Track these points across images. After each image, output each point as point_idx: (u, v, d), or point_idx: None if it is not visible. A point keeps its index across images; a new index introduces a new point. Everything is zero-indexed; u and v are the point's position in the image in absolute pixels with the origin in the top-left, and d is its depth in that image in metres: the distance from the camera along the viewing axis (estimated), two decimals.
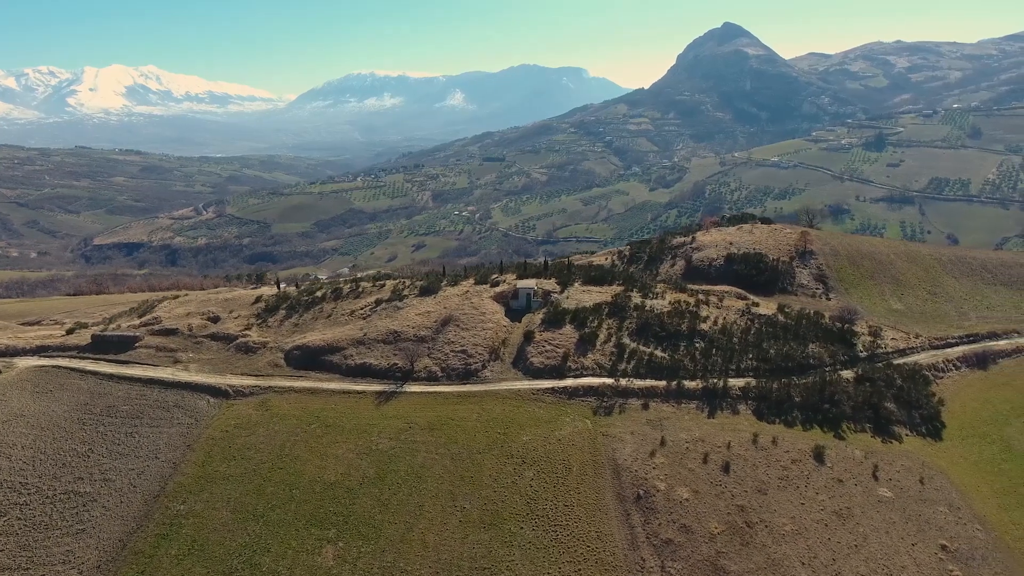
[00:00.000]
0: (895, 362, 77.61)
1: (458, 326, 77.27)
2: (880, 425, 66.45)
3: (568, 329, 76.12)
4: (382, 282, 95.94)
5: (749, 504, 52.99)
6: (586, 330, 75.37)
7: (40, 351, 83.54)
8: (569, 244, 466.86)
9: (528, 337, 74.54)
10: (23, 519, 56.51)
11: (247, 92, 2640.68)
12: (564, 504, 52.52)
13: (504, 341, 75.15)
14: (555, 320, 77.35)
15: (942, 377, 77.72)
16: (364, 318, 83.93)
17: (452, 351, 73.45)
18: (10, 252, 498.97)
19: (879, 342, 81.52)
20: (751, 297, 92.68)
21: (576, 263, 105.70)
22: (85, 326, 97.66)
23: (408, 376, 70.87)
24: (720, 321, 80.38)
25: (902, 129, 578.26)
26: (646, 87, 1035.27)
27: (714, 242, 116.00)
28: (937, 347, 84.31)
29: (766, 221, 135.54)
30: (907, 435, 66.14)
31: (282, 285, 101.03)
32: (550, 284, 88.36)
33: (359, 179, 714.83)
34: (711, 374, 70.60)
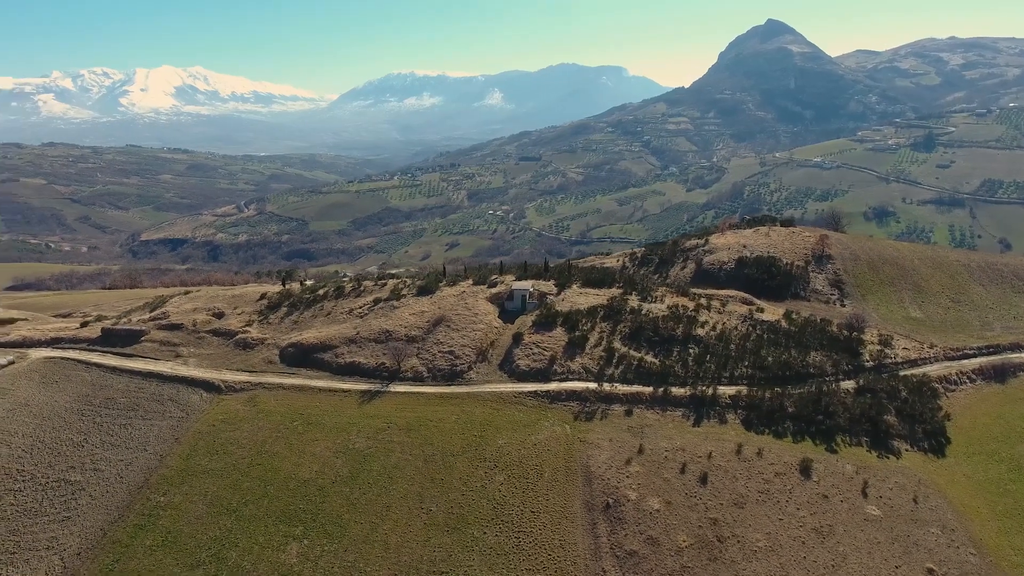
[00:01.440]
0: (902, 373, 74.20)
1: (449, 327, 77.13)
2: (878, 439, 63.59)
3: (558, 332, 75.16)
4: (384, 281, 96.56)
5: (723, 518, 51.29)
6: (577, 333, 74.30)
7: (54, 343, 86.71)
8: (603, 244, 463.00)
9: (517, 339, 73.89)
10: (16, 505, 58.63)
11: (290, 92, 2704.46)
12: (531, 510, 51.78)
13: (492, 343, 74.67)
14: (546, 322, 76.48)
15: (954, 390, 74.00)
16: (361, 317, 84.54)
17: (440, 352, 73.35)
18: (63, 246, 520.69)
19: (888, 352, 78.08)
20: (757, 302, 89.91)
21: (580, 265, 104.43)
22: (104, 319, 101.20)
23: (395, 376, 71.06)
24: (719, 326, 78.23)
25: (953, 129, 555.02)
26: (686, 86, 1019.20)
27: (727, 245, 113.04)
28: (952, 358, 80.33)
29: (787, 224, 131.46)
30: (907, 450, 63.12)
31: (287, 283, 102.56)
32: (547, 286, 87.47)
33: (396, 178, 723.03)
34: (702, 381, 68.66)
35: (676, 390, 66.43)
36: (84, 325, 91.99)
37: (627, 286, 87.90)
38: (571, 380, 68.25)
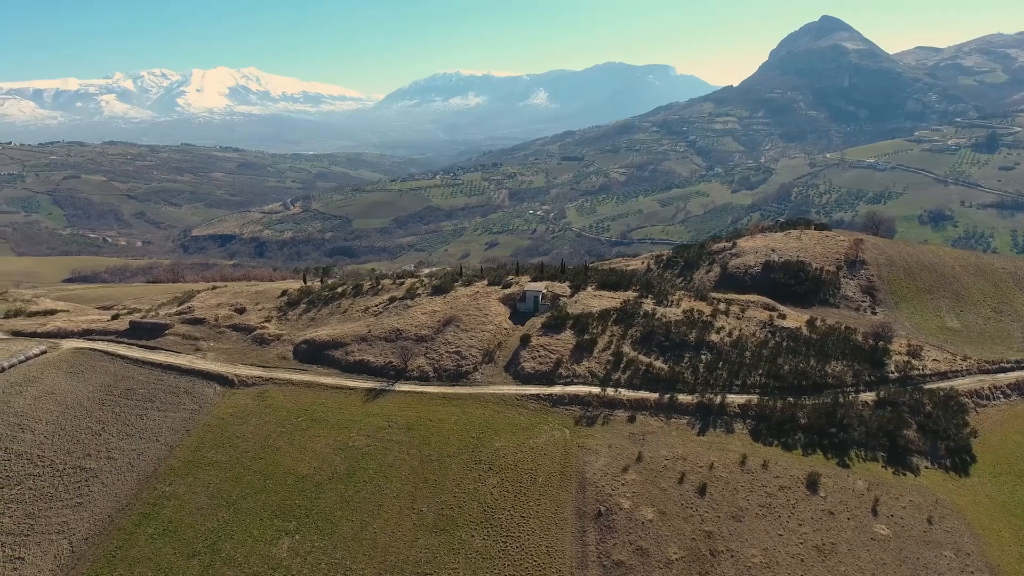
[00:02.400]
0: (929, 386, 70.58)
1: (458, 327, 77.08)
2: (896, 455, 60.61)
3: (567, 334, 74.24)
4: (402, 280, 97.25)
5: (719, 531, 49.64)
6: (586, 336, 73.24)
7: (85, 334, 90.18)
8: (643, 246, 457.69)
9: (524, 341, 73.29)
10: (34, 489, 61.08)
11: (338, 92, 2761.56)
12: (521, 515, 51.16)
13: (500, 344, 74.23)
14: (556, 325, 75.65)
15: (985, 405, 70.02)
16: (375, 315, 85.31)
17: (447, 352, 73.36)
18: (119, 241, 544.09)
19: (915, 363, 74.47)
20: (780, 308, 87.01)
21: (601, 267, 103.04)
22: (137, 312, 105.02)
23: (401, 375, 71.39)
24: (735, 333, 75.94)
25: (1019, 129, 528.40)
26: (735, 85, 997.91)
27: (755, 248, 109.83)
28: (987, 371, 76.13)
29: (822, 227, 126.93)
30: (926, 467, 59.97)
31: (308, 280, 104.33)
32: (561, 287, 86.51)
33: (438, 177, 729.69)
34: (712, 389, 66.78)
35: (683, 397, 64.72)
36: (115, 318, 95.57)
37: (644, 289, 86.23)
38: (576, 384, 67.28)
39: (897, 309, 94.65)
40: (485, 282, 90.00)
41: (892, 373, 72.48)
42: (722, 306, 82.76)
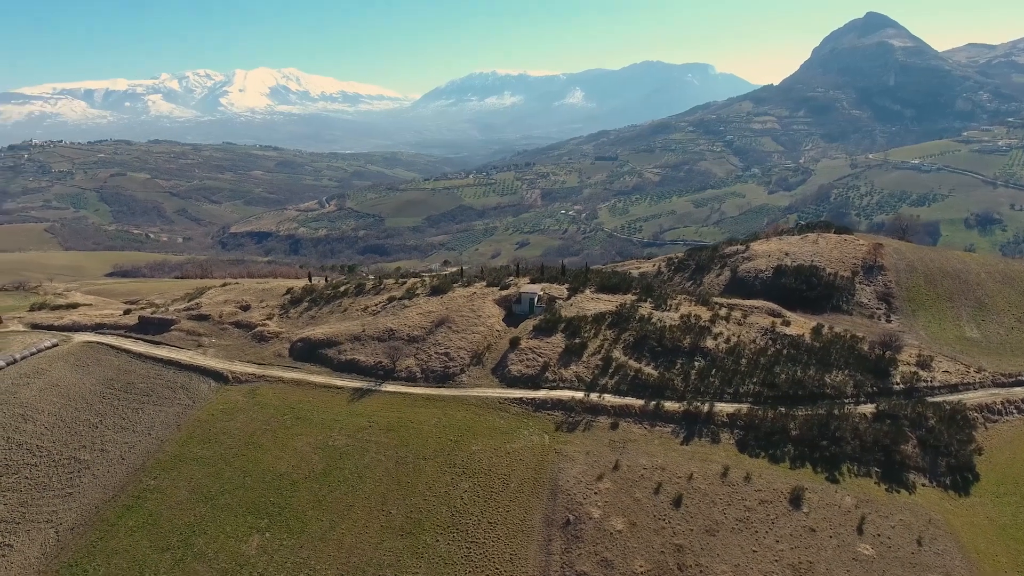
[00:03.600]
0: (937, 399, 67.35)
1: (450, 328, 76.79)
2: (892, 471, 57.96)
3: (558, 338, 73.21)
4: (404, 280, 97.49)
5: (689, 545, 48.15)
6: (576, 340, 72.08)
7: (97, 328, 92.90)
8: (675, 247, 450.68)
9: (514, 344, 72.53)
10: (30, 479, 63.08)
11: (376, 92, 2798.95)
12: (488, 521, 50.53)
13: (489, 346, 73.68)
14: (548, 328, 74.68)
15: (996, 421, 66.44)
16: (373, 314, 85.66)
17: (436, 353, 73.13)
18: (161, 237, 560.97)
19: (924, 374, 71.18)
20: (786, 314, 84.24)
21: (603, 270, 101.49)
22: (154, 307, 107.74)
23: (389, 375, 71.47)
24: (733, 339, 73.81)
25: None
26: (776, 84, 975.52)
27: (768, 252, 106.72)
28: (1003, 384, 72.30)
29: (844, 230, 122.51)
30: (923, 485, 57.17)
31: (314, 278, 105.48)
32: (558, 289, 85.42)
33: (470, 176, 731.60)
34: (702, 396, 64.93)
35: (669, 405, 63.09)
36: (127, 313, 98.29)
37: (643, 293, 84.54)
38: (561, 388, 66.28)
39: (914, 317, 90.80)
40: (483, 283, 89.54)
41: (897, 384, 69.39)
42: (723, 311, 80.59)
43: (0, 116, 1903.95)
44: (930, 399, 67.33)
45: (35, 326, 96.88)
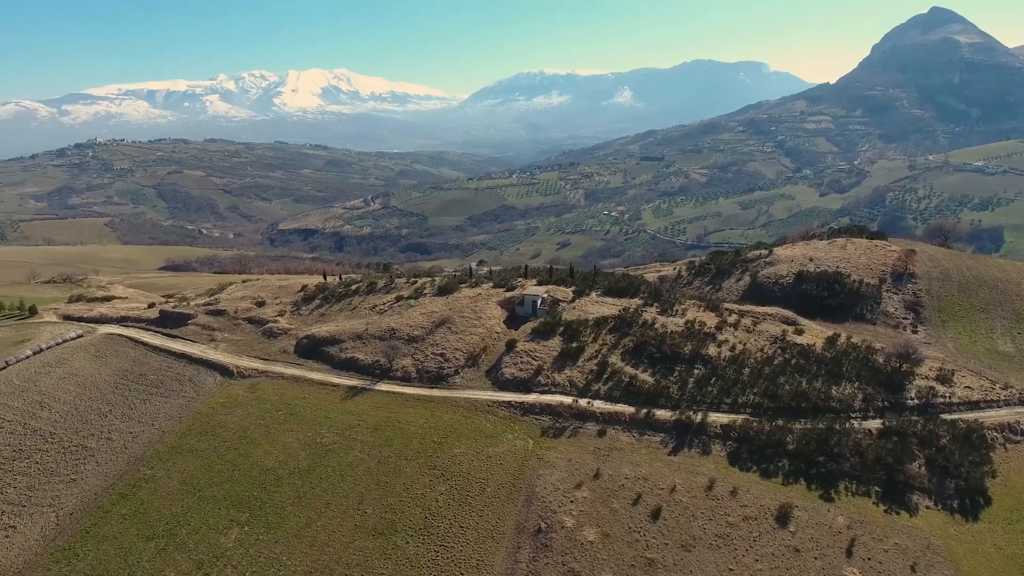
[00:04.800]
0: (955, 416, 63.44)
1: (449, 328, 76.67)
2: (894, 491, 54.87)
3: (555, 341, 72.15)
4: (415, 280, 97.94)
5: (662, 559, 46.61)
6: (574, 344, 70.87)
7: (121, 320, 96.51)
8: (719, 250, 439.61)
9: (510, 346, 71.80)
10: (40, 464, 65.85)
11: (424, 92, 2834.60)
12: (460, 525, 50.08)
13: (486, 348, 73.20)
14: (546, 331, 73.69)
15: (1019, 442, 62.20)
16: (380, 313, 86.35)
17: (433, 353, 73.11)
18: (213, 232, 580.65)
19: (942, 389, 67.22)
20: (801, 322, 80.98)
21: (614, 272, 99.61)
22: (185, 301, 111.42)
23: (386, 374, 71.84)
24: (739, 347, 71.31)
25: None
26: (832, 82, 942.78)
27: (791, 257, 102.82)
28: None
29: (878, 235, 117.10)
30: (928, 507, 53.90)
31: (329, 277, 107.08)
32: (563, 292, 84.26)
33: (514, 176, 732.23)
34: (697, 406, 62.92)
35: (661, 413, 61.33)
36: (151, 306, 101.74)
37: (651, 297, 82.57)
38: (553, 393, 65.24)
39: (942, 328, 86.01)
40: (490, 284, 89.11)
41: (911, 400, 65.73)
42: (732, 318, 77.98)
43: (69, 116, 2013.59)
44: (946, 416, 63.50)
45: (67, 317, 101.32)
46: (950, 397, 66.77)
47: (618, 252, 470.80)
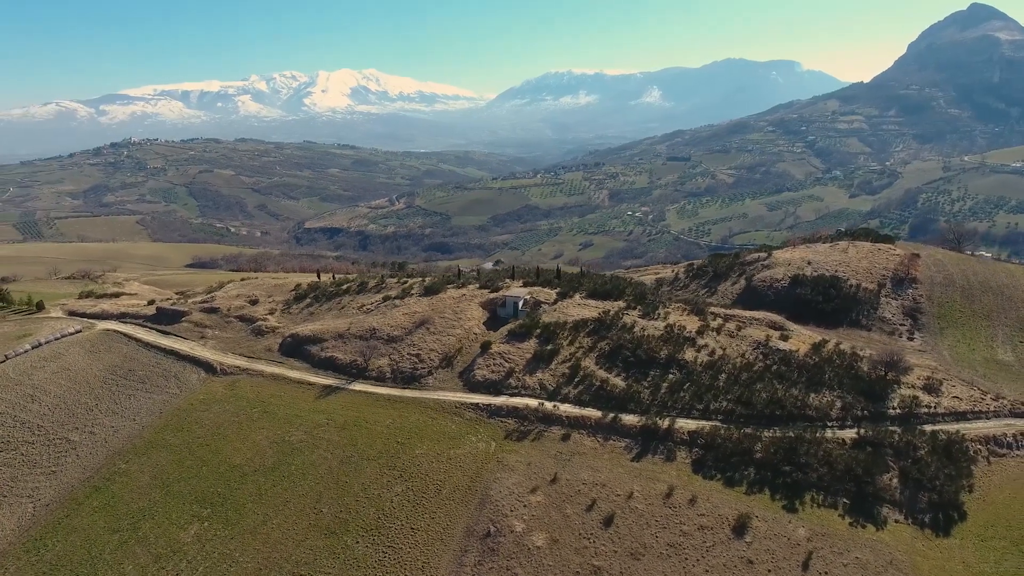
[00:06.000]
0: (939, 427, 61.27)
1: (428, 329, 76.76)
2: (863, 503, 53.18)
3: (531, 343, 71.69)
4: (405, 280, 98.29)
5: (608, 567, 45.91)
6: (549, 347, 70.33)
7: (121, 317, 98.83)
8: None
9: (485, 348, 71.56)
10: (25, 456, 67.75)
11: (452, 92, 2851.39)
12: (411, 527, 50.04)
13: (461, 350, 73.06)
14: (522, 333, 73.26)
15: (1004, 455, 59.82)
16: (366, 312, 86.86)
17: (409, 354, 73.28)
18: (241, 230, 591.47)
19: (927, 399, 65.02)
20: (789, 328, 79.20)
21: (603, 274, 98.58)
22: (189, 298, 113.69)
23: (362, 373, 72.20)
24: (718, 352, 69.99)
25: None
26: (866, 81, 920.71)
27: (788, 260, 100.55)
28: (1021, 415, 64.93)
29: (886, 239, 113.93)
30: (897, 521, 52.11)
31: (322, 275, 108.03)
32: (546, 294, 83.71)
33: (538, 176, 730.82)
34: (668, 411, 61.87)
35: (628, 418, 60.45)
36: (150, 303, 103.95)
37: (636, 300, 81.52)
38: (522, 396, 64.82)
39: (940, 335, 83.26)
40: (476, 286, 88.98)
41: (893, 409, 63.70)
42: (716, 322, 76.61)
43: (107, 116, 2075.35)
44: (929, 427, 61.39)
45: (72, 313, 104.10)
46: (935, 407, 64.52)
47: (640, 253, 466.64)
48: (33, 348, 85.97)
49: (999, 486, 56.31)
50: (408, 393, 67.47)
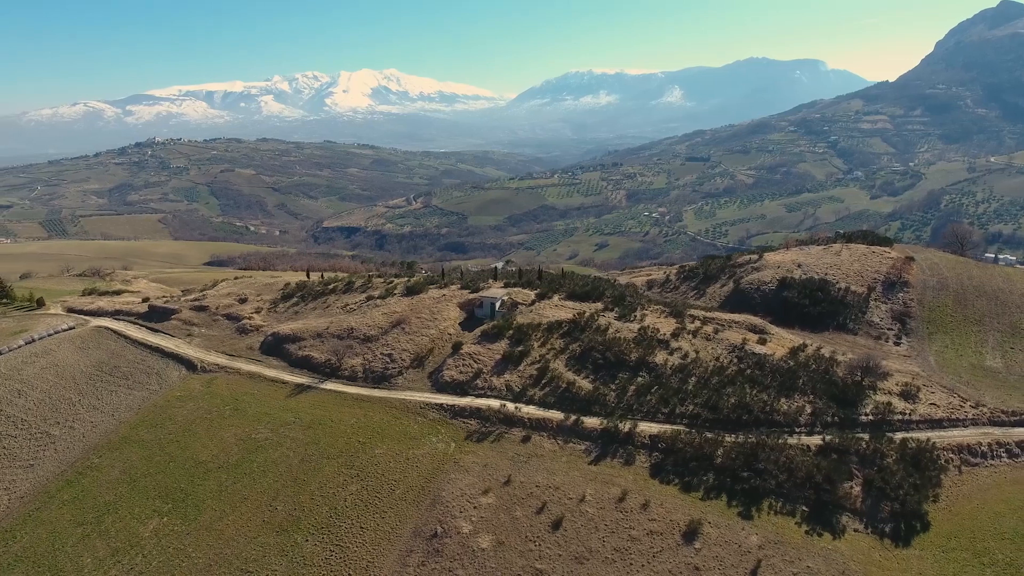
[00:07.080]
0: (913, 435, 59.91)
1: (403, 329, 77.12)
2: (822, 512, 52.22)
3: (502, 344, 71.61)
4: (391, 280, 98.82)
5: (551, 570, 45.70)
6: (519, 348, 70.21)
7: (115, 314, 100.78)
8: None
9: (456, 348, 71.70)
10: (5, 449, 69.46)
11: (472, 92, 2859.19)
12: (361, 526, 50.35)
13: (433, 350, 73.25)
14: (495, 334, 73.23)
15: (977, 464, 58.33)
16: (349, 312, 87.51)
17: (382, 353, 73.69)
18: (260, 229, 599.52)
19: (902, 406, 63.71)
20: (769, 331, 78.16)
21: (592, 275, 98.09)
22: (188, 295, 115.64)
23: (335, 373, 72.78)
24: (691, 355, 69.27)
25: None
26: (891, 80, 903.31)
27: (778, 263, 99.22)
28: (1001, 423, 63.35)
29: (883, 241, 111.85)
30: (856, 531, 51.05)
31: (311, 274, 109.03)
32: (524, 295, 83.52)
33: (555, 176, 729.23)
34: (632, 414, 61.41)
35: (590, 421, 60.09)
36: (144, 300, 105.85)
37: (613, 302, 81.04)
38: (487, 397, 64.81)
39: (928, 341, 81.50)
40: (457, 286, 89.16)
41: (865, 416, 62.48)
42: (694, 325, 75.84)
43: (133, 116, 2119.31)
44: (901, 434, 60.12)
45: (70, 310, 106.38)
46: (910, 414, 63.15)
47: (656, 254, 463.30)
48: (27, 344, 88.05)
49: (967, 496, 54.90)
50: (377, 393, 67.86)
